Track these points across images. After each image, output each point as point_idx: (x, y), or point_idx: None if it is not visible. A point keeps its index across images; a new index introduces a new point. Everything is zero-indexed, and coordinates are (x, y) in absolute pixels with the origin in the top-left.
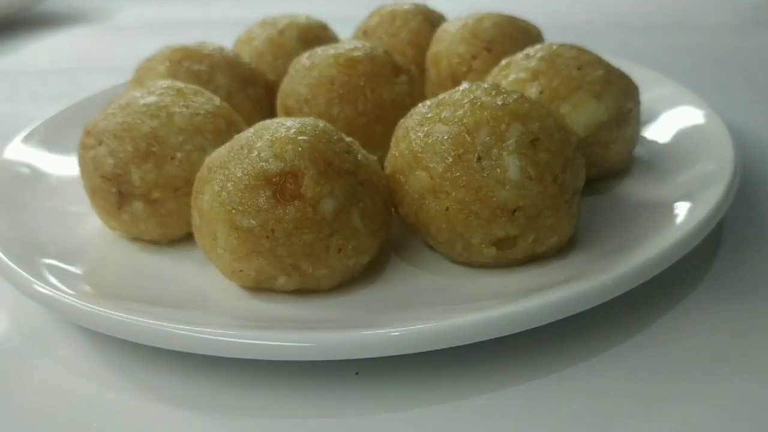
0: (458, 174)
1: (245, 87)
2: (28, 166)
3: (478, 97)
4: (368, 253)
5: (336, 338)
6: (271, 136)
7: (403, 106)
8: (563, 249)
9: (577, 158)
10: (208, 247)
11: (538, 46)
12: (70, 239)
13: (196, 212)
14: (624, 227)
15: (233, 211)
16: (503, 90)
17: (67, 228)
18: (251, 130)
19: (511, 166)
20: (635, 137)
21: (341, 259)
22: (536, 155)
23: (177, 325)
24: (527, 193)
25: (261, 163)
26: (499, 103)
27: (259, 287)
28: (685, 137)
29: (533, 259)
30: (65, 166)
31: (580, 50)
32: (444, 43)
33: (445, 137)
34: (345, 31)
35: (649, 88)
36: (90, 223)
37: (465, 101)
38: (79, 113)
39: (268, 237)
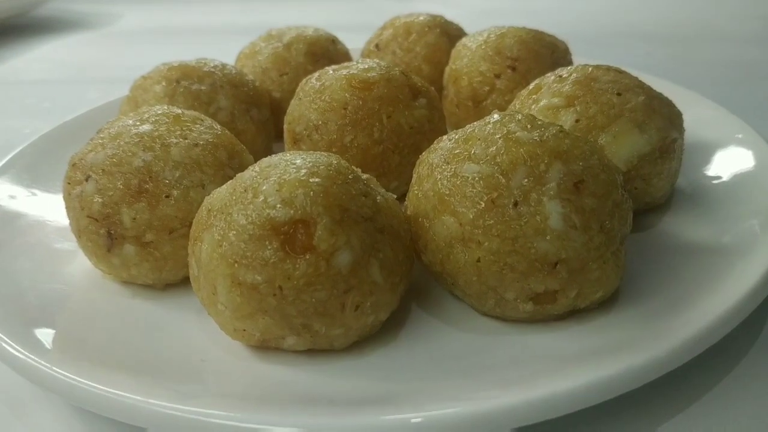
0: (491, 221)
1: (249, 108)
2: (9, 196)
3: (512, 131)
4: (388, 308)
5: (349, 424)
6: (279, 177)
7: (422, 132)
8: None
9: (625, 202)
10: (206, 301)
11: (571, 68)
12: (54, 283)
13: (194, 261)
14: (670, 273)
15: (236, 265)
16: (540, 122)
17: (50, 269)
18: (256, 168)
19: (553, 213)
20: (678, 169)
21: (358, 317)
22: (580, 200)
23: (165, 404)
24: (571, 245)
25: (267, 210)
26: (537, 138)
27: (265, 346)
28: (729, 165)
29: (573, 312)
30: (51, 196)
31: (618, 72)
32: (464, 60)
33: (476, 178)
34: (356, 41)
35: (686, 109)
36: (77, 264)
37: (497, 136)
38: (67, 135)
39: (275, 295)
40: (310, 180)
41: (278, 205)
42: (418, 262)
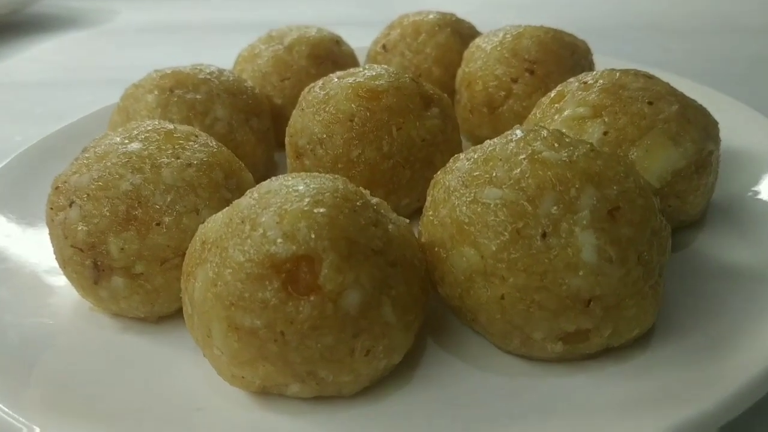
0: (517, 255)
1: (248, 118)
2: None
3: (538, 150)
4: (402, 350)
5: None
6: (279, 207)
7: (434, 145)
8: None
9: (664, 228)
10: (201, 343)
11: (596, 73)
12: (37, 316)
13: (187, 298)
14: (710, 301)
15: (232, 307)
16: (568, 139)
17: (35, 301)
18: (254, 194)
19: (586, 245)
20: (715, 183)
21: (369, 362)
22: (616, 230)
23: None
24: (606, 280)
25: (267, 246)
26: (566, 158)
27: (267, 393)
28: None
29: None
30: (37, 217)
31: (648, 78)
32: (478, 63)
33: (499, 205)
34: (362, 39)
35: (716, 114)
36: (64, 294)
37: (521, 156)
38: (55, 148)
39: (276, 341)
40: (314, 210)
41: (279, 240)
42: (433, 292)
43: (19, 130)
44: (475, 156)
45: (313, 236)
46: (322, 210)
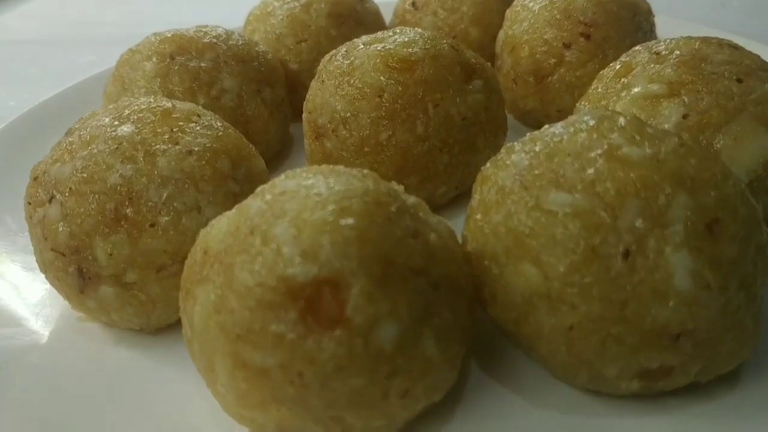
0: (591, 278)
1: (260, 89)
2: None
3: (616, 144)
4: (445, 388)
5: None
6: (297, 216)
7: (477, 124)
8: None
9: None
10: (204, 375)
11: (670, 42)
12: (15, 326)
13: (186, 320)
14: None
15: (239, 341)
16: (650, 130)
17: (12, 307)
18: (266, 195)
19: (679, 269)
20: None
21: (405, 405)
22: (716, 248)
23: None
24: (701, 312)
25: (282, 267)
26: (650, 155)
27: None
28: None
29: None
30: (18, 204)
31: (734, 49)
32: (524, 25)
33: (569, 215)
34: None
35: None
36: (49, 298)
37: (596, 152)
38: (47, 119)
39: (293, 383)
40: (341, 221)
41: (297, 259)
42: (480, 310)
43: (14, 94)
44: (536, 149)
45: (339, 255)
46: (349, 221)
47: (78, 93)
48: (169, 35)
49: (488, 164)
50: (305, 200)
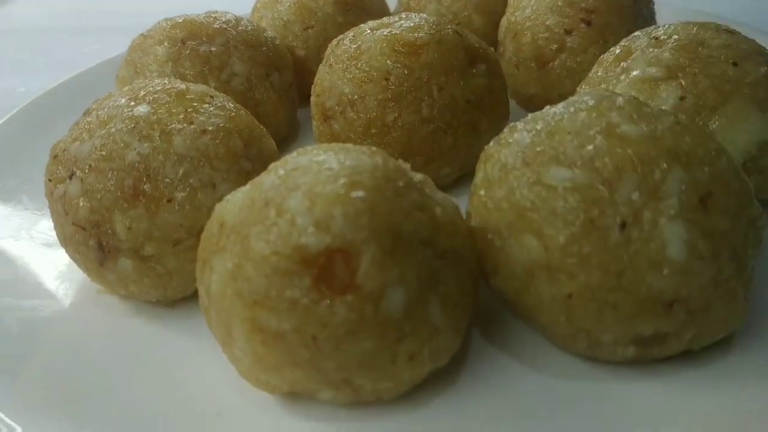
0: (589, 249)
1: (269, 73)
2: None
3: (615, 122)
4: (450, 353)
5: None
6: (310, 189)
7: (480, 107)
8: None
9: (759, 217)
10: (221, 342)
11: (668, 27)
12: (37, 298)
13: (203, 290)
14: None
15: (256, 307)
16: (648, 109)
17: (35, 280)
18: (279, 170)
19: (673, 240)
20: None
21: (413, 368)
22: (709, 221)
23: None
24: (694, 280)
25: (296, 237)
26: (647, 132)
27: (296, 396)
28: None
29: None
30: (39, 183)
31: (731, 34)
32: (526, 11)
33: (569, 189)
34: None
35: None
36: (69, 273)
37: (595, 129)
38: (58, 104)
39: (307, 346)
40: (352, 194)
41: (310, 229)
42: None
43: (22, 81)
44: (538, 127)
45: (350, 225)
46: (360, 194)
47: (89, 78)
48: (180, 20)
49: (491, 143)
50: (317, 175)
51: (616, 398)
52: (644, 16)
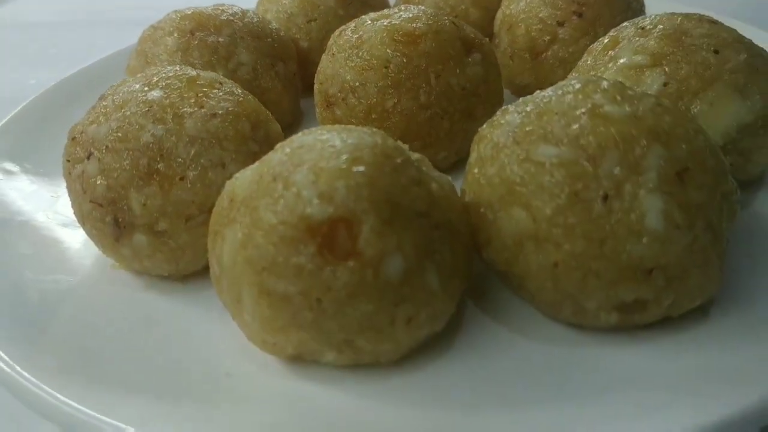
0: (574, 219)
1: (274, 63)
2: (5, 168)
3: (599, 104)
4: (445, 318)
5: None
6: (314, 165)
7: (476, 95)
8: None
9: (734, 192)
10: (231, 308)
11: (654, 17)
12: (56, 273)
13: (215, 260)
14: None
15: (264, 272)
16: (631, 92)
17: (54, 257)
18: (286, 149)
19: (652, 210)
20: None
21: (410, 331)
22: (685, 193)
23: None
24: (671, 248)
25: (301, 207)
26: (630, 113)
27: (300, 360)
28: None
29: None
30: (55, 167)
31: (713, 24)
32: (520, 4)
33: (556, 164)
34: None
35: None
36: (85, 249)
37: (580, 110)
38: (72, 93)
39: (312, 308)
40: (353, 169)
41: (315, 200)
42: (476, 256)
43: (33, 74)
44: (527, 109)
45: (352, 197)
46: (361, 168)
47: (102, 68)
48: (189, 12)
49: (485, 125)
50: (321, 151)
51: (600, 362)
52: (634, 9)
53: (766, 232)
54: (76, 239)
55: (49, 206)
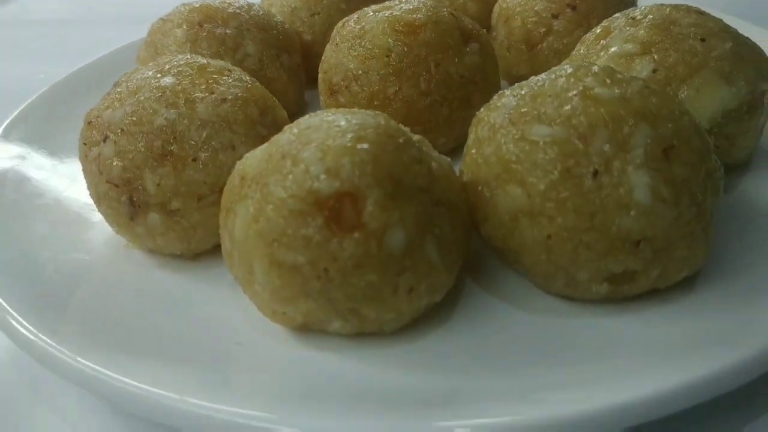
0: (566, 194)
1: (279, 54)
2: (21, 154)
3: (589, 86)
4: (444, 289)
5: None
6: (321, 143)
7: (473, 83)
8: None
9: (718, 169)
10: (242, 280)
11: (644, 8)
12: (73, 252)
13: (226, 235)
14: (757, 243)
15: (275, 244)
16: (620, 76)
17: (71, 236)
18: (294, 129)
19: (639, 185)
20: (765, 125)
21: (412, 301)
22: (671, 170)
23: (200, 403)
24: (658, 221)
25: (310, 182)
26: (618, 95)
27: (307, 329)
28: None
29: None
30: (70, 153)
31: (700, 14)
32: None
33: (549, 143)
34: None
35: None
36: (99, 229)
37: (572, 92)
38: (82, 84)
39: (319, 278)
40: (358, 146)
41: (322, 176)
42: (473, 233)
43: (42, 69)
44: (522, 92)
45: (357, 173)
46: (365, 146)
47: (113, 59)
48: (197, 5)
49: (482, 109)
50: (328, 131)
51: (591, 332)
52: (626, 2)
53: (750, 213)
54: (91, 220)
55: (64, 189)
